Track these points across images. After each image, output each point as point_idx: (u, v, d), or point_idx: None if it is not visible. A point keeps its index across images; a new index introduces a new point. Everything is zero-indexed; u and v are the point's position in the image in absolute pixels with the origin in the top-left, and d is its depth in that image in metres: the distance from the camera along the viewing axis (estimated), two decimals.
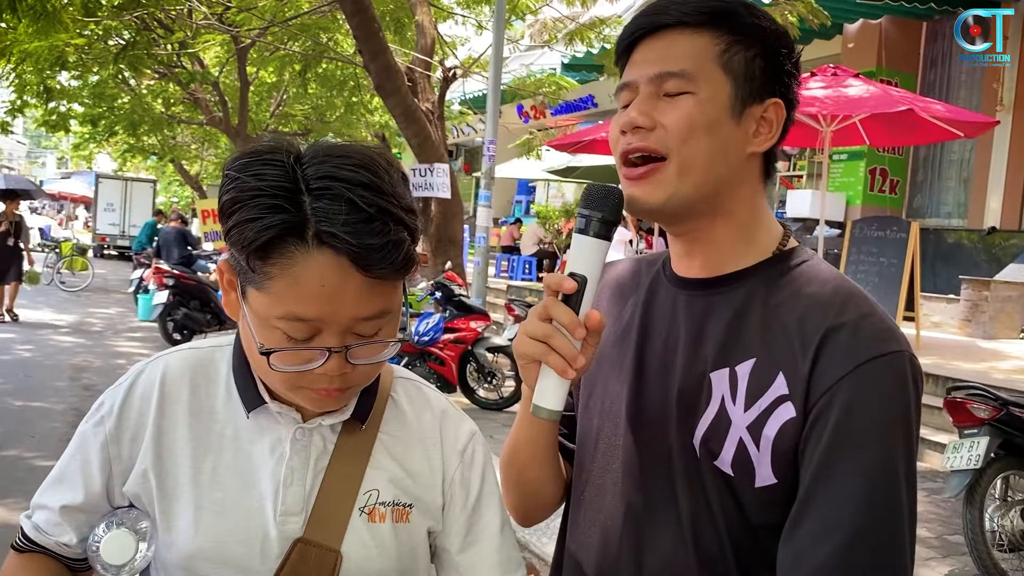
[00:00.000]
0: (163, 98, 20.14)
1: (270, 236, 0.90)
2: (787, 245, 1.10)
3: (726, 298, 1.07)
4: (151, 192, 27.80)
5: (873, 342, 0.97)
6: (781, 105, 1.07)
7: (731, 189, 1.06)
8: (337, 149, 0.95)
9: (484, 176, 9.21)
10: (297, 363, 0.96)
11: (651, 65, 1.05)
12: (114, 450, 1.06)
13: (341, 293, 0.92)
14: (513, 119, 20.03)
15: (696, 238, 1.10)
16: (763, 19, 1.06)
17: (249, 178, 0.92)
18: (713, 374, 1.04)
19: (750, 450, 1.00)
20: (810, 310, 1.01)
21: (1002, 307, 9.64)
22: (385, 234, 0.90)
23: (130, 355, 10.02)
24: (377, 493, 1.08)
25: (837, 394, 0.95)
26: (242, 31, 12.17)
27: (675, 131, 1.02)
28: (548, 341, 0.98)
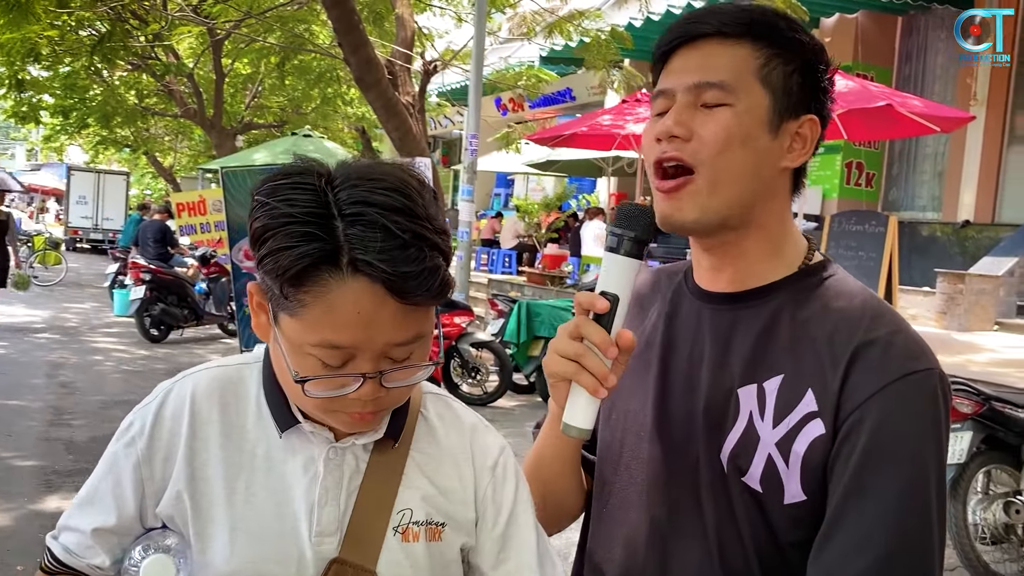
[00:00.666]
0: (136, 90, 19.92)
1: (305, 264, 0.89)
2: (813, 259, 1.10)
3: (753, 312, 1.07)
4: (124, 185, 27.44)
5: (904, 359, 0.96)
6: (816, 121, 1.06)
7: (763, 203, 1.06)
8: (369, 171, 0.94)
9: (466, 171, 9.18)
10: (331, 389, 0.95)
11: (690, 74, 1.04)
12: (147, 471, 1.04)
13: (376, 320, 0.91)
14: (491, 112, 20.00)
15: (726, 252, 1.09)
16: (802, 33, 1.05)
17: (279, 203, 0.91)
18: (741, 390, 1.03)
19: (779, 466, 0.99)
20: (839, 326, 1.00)
21: (977, 300, 9.78)
22: (421, 261, 0.90)
23: (107, 351, 9.92)
24: (411, 512, 1.07)
25: (868, 412, 0.94)
26: (218, 23, 12.04)
27: (711, 143, 1.01)
28: (580, 360, 0.98)
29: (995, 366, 7.27)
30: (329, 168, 0.96)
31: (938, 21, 12.67)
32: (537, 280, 12.32)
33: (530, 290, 11.87)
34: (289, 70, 16.03)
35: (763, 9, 1.06)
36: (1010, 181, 11.68)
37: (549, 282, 12.01)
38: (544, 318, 7.68)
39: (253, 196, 0.95)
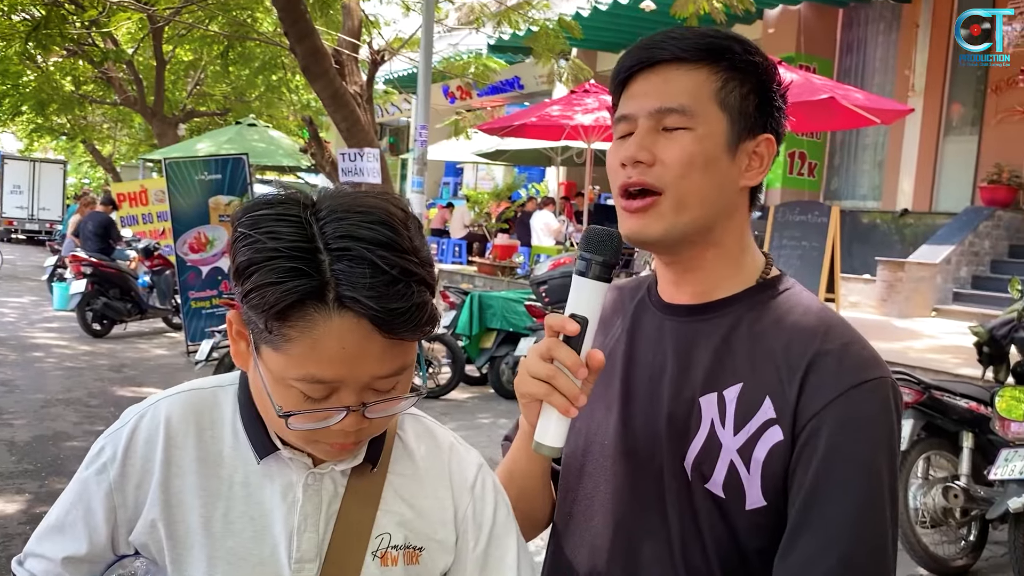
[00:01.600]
0: (73, 76, 19.34)
1: (291, 300, 0.88)
2: (770, 273, 1.14)
3: (713, 324, 1.11)
4: (61, 174, 26.71)
5: (858, 369, 1.01)
6: (772, 140, 1.10)
7: (723, 221, 1.10)
8: (355, 203, 0.93)
9: (416, 162, 9.12)
10: (314, 421, 0.95)
11: (650, 99, 1.07)
12: (119, 498, 1.02)
13: (362, 355, 0.91)
14: (439, 100, 19.88)
15: (688, 267, 1.13)
16: (756, 55, 1.09)
17: (263, 236, 0.90)
18: (702, 399, 1.07)
19: (741, 473, 1.03)
20: (795, 337, 1.05)
21: (915, 287, 10.07)
22: (409, 297, 0.90)
23: (48, 347, 9.66)
24: (389, 537, 1.07)
25: (825, 419, 0.99)
26: (158, 9, 11.74)
27: (674, 167, 1.05)
28: (551, 381, 1.01)
29: (933, 352, 7.49)
30: (312, 197, 0.95)
31: (877, 14, 12.95)
32: (488, 270, 12.33)
33: (481, 281, 11.88)
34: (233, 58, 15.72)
35: (717, 33, 1.09)
36: (946, 170, 12.02)
37: (500, 272, 12.03)
38: (496, 310, 7.70)
39: (235, 226, 0.94)
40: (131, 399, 7.53)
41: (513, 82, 19.29)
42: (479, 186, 19.25)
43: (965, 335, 5.60)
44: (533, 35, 11.06)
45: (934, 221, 11.54)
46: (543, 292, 6.97)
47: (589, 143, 11.54)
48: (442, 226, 17.45)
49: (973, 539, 4.31)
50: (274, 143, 15.72)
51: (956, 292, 10.32)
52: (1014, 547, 3.83)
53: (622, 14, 13.02)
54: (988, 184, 10.82)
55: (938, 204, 12.00)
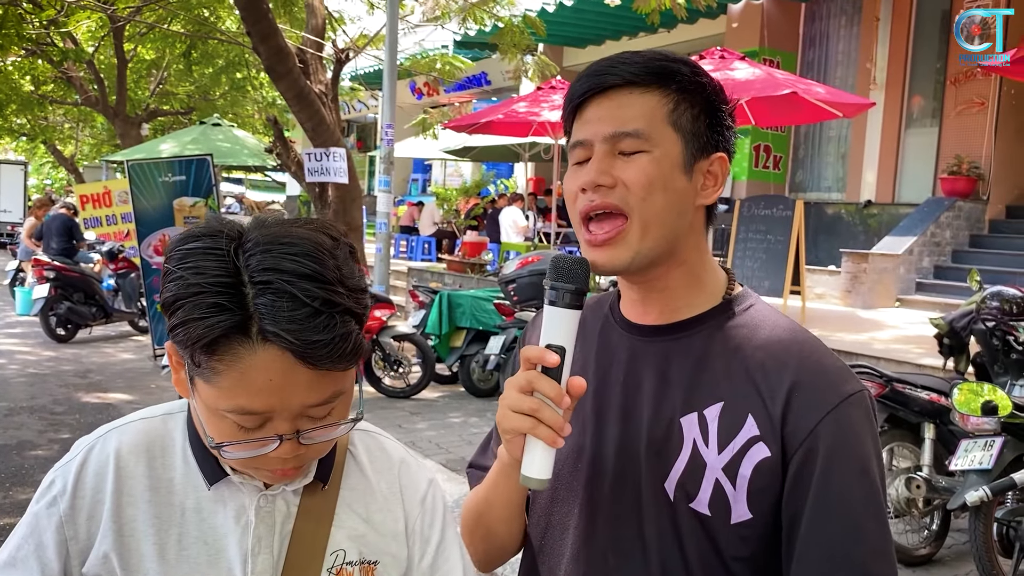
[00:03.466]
0: (32, 76, 19.00)
1: (215, 335, 0.89)
2: (734, 290, 1.16)
3: (686, 344, 1.12)
4: (22, 175, 26.19)
5: (839, 385, 1.05)
6: (725, 159, 1.12)
7: (684, 240, 1.11)
8: (281, 234, 0.94)
9: (383, 161, 9.09)
10: (249, 450, 0.96)
11: (604, 124, 1.08)
12: (70, 531, 1.02)
13: (289, 386, 0.92)
14: (406, 97, 19.79)
15: (652, 287, 1.14)
16: (703, 75, 1.11)
17: (188, 273, 0.91)
18: (683, 419, 1.08)
19: (727, 490, 1.05)
20: (770, 355, 1.08)
21: (879, 278, 10.21)
22: (331, 328, 0.90)
23: (10, 354, 9.51)
24: (344, 553, 1.08)
25: (819, 437, 1.02)
26: (118, 8, 11.57)
27: (635, 188, 1.06)
28: (535, 414, 1.01)
29: (898, 343, 7.61)
30: (241, 228, 0.95)
31: (839, 8, 13.09)
32: (457, 268, 12.32)
33: (451, 278, 11.86)
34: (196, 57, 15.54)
35: (666, 56, 1.10)
36: (908, 162, 12.19)
37: (470, 270, 12.02)
38: (465, 309, 7.70)
39: (165, 260, 0.95)
40: (97, 405, 7.44)
41: (480, 78, 19.27)
42: (447, 183, 19.21)
43: (928, 325, 5.69)
44: (498, 31, 11.07)
45: (897, 212, 11.71)
46: (512, 291, 6.98)
47: (556, 139, 11.57)
48: (411, 223, 17.40)
49: (936, 528, 4.39)
50: (239, 143, 15.56)
51: (919, 282, 10.48)
52: (975, 536, 3.91)
53: (587, 9, 13.04)
54: (948, 175, 11.00)
55: (901, 195, 12.17)
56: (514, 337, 7.10)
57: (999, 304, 4.89)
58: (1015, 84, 10.14)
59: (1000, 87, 10.76)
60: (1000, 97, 10.84)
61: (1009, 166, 11.01)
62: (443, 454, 5.95)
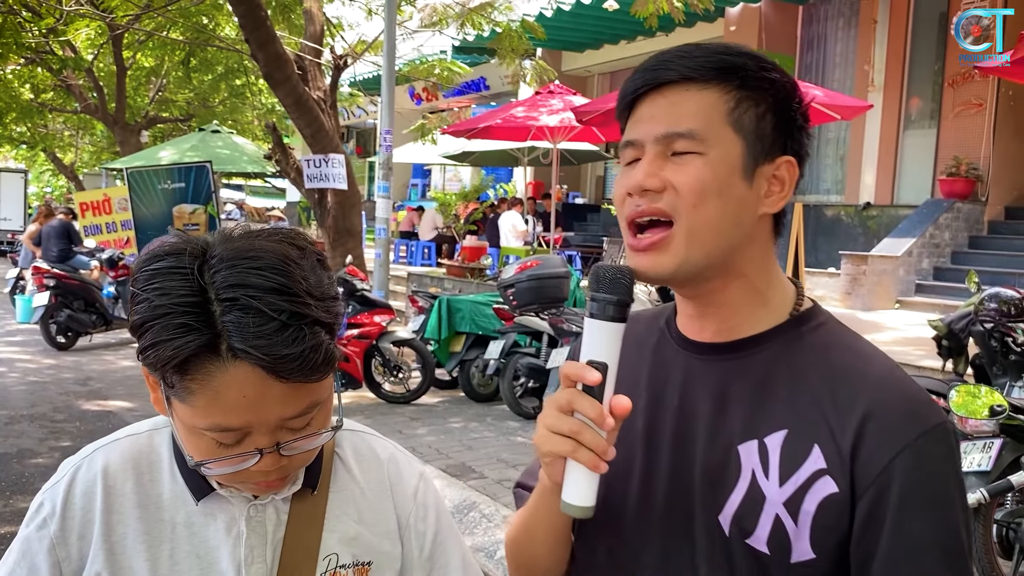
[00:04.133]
0: (32, 84, 19.03)
1: (184, 356, 0.89)
2: (802, 306, 1.05)
3: (747, 364, 1.02)
4: (22, 182, 26.22)
5: (919, 416, 0.95)
6: (794, 163, 1.02)
7: (743, 251, 1.01)
8: (246, 248, 0.93)
9: (382, 167, 9.09)
10: (231, 466, 0.96)
11: (657, 124, 0.99)
12: (62, 552, 1.03)
13: (264, 400, 0.92)
14: (405, 102, 19.83)
15: (709, 301, 1.04)
16: (773, 71, 1.01)
17: (154, 295, 0.91)
18: (741, 447, 0.99)
19: (787, 526, 0.95)
20: (841, 380, 0.97)
21: (879, 280, 10.22)
22: (300, 341, 0.90)
23: (11, 362, 9.51)
24: (336, 557, 1.09)
25: (893, 475, 0.92)
26: (117, 16, 11.60)
27: (686, 194, 0.97)
28: (576, 437, 0.93)
29: (897, 344, 7.61)
30: (206, 244, 0.95)
31: (836, 10, 13.12)
32: (457, 272, 12.32)
33: (450, 283, 11.87)
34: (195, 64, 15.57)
35: (729, 49, 1.02)
36: (907, 163, 12.21)
37: (469, 274, 12.02)
38: (464, 314, 7.70)
39: (131, 284, 0.95)
40: (97, 413, 7.44)
41: (479, 83, 19.31)
42: (447, 188, 19.24)
43: (927, 327, 5.69)
44: (497, 36, 11.09)
45: (896, 214, 11.71)
46: (511, 295, 6.98)
47: (555, 143, 11.59)
48: (411, 228, 17.42)
49: None
50: (238, 149, 15.60)
51: (919, 284, 10.48)
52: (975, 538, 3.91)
53: (585, 14, 13.08)
54: (947, 176, 11.01)
55: (899, 197, 12.18)
56: (514, 341, 7.11)
57: (997, 306, 4.89)
58: (1013, 85, 10.15)
59: (998, 88, 10.77)
60: (998, 98, 10.85)
61: (1008, 167, 11.02)
62: (443, 459, 5.95)
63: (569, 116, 10.44)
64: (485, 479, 5.51)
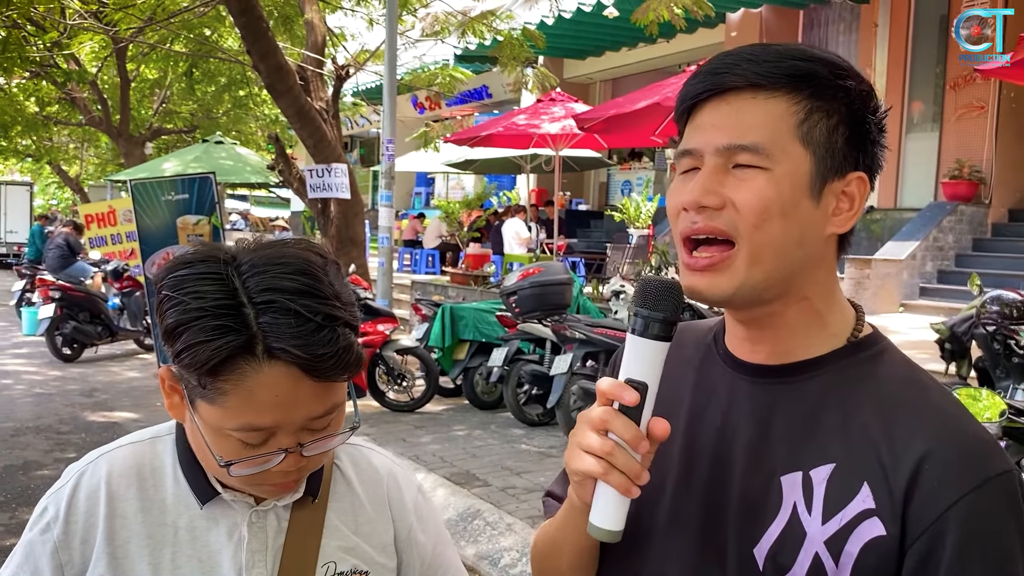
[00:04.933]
0: (37, 97, 19.15)
1: (223, 357, 0.92)
2: (862, 331, 0.98)
3: (797, 390, 0.95)
4: (28, 195, 26.38)
5: (982, 462, 0.87)
6: (865, 180, 0.94)
7: (806, 273, 0.94)
8: (275, 255, 0.97)
9: (384, 176, 9.12)
10: (255, 466, 0.99)
11: (719, 133, 0.92)
12: (65, 556, 1.04)
13: (295, 400, 0.96)
14: (408, 111, 19.87)
15: (764, 324, 0.97)
16: (849, 78, 0.93)
17: (188, 298, 0.93)
18: (784, 477, 0.92)
19: (827, 566, 0.88)
20: (899, 415, 0.90)
21: (882, 284, 10.20)
22: (335, 341, 0.94)
23: (17, 374, 9.55)
24: (335, 565, 1.11)
25: (949, 524, 0.84)
26: (120, 29, 11.67)
27: (747, 213, 0.90)
28: (608, 458, 0.88)
29: (901, 348, 7.57)
30: (232, 251, 0.98)
31: (837, 15, 13.13)
32: (461, 280, 12.34)
33: (454, 291, 11.89)
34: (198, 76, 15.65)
35: (802, 53, 0.93)
36: (910, 167, 12.19)
37: (473, 282, 12.04)
38: (468, 321, 7.71)
39: (158, 289, 0.97)
40: (103, 424, 7.46)
41: (481, 91, 19.35)
42: (450, 196, 19.27)
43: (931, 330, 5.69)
44: (498, 45, 11.13)
45: (900, 217, 11.69)
46: (513, 303, 6.99)
47: (557, 150, 11.61)
48: (414, 237, 17.44)
49: None
50: (242, 160, 15.66)
51: (923, 287, 10.47)
52: None
53: (586, 21, 13.10)
54: (950, 179, 11.00)
55: (903, 200, 12.17)
56: (517, 349, 7.11)
57: (999, 308, 4.89)
58: (1015, 87, 10.15)
59: (1000, 91, 10.76)
60: (1000, 101, 10.84)
61: (1010, 170, 11.00)
62: (447, 467, 5.95)
63: (571, 123, 10.47)
64: (489, 487, 5.51)
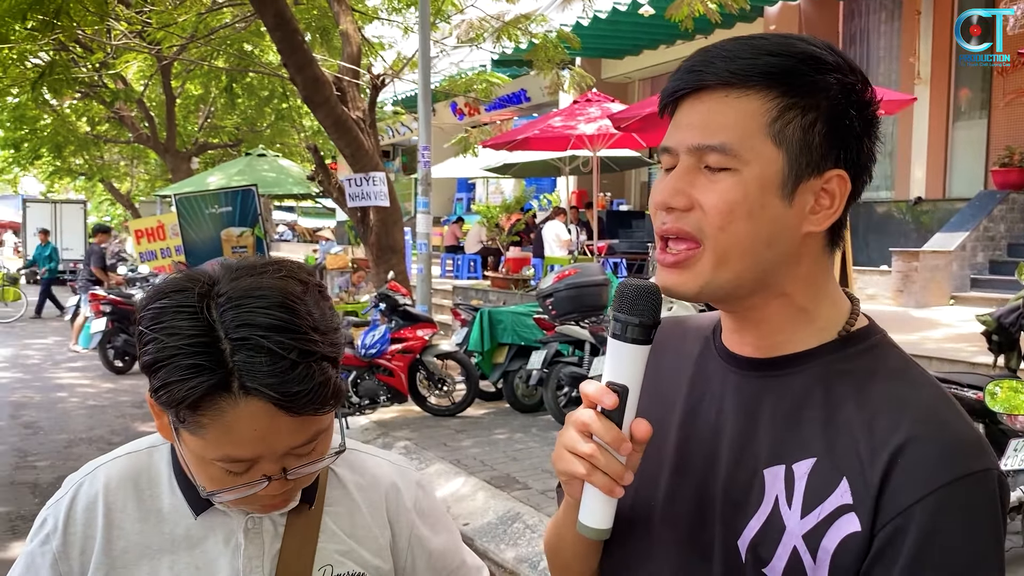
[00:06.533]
0: (88, 117, 19.71)
1: (198, 395, 0.92)
2: (855, 324, 0.96)
3: (783, 383, 0.95)
4: (82, 213, 27.06)
5: (959, 458, 0.84)
6: (845, 178, 0.91)
7: (782, 271, 0.93)
8: (252, 287, 0.96)
9: (421, 182, 9.19)
10: (240, 492, 1.00)
11: (691, 133, 0.91)
12: (64, 567, 1.06)
13: (273, 433, 0.96)
14: (448, 118, 20.00)
15: (746, 317, 0.97)
16: (833, 71, 0.89)
17: (163, 335, 0.93)
18: (767, 470, 0.92)
19: (805, 561, 0.88)
20: (881, 409, 0.88)
21: (931, 276, 9.97)
22: (309, 378, 0.93)
23: (71, 387, 9.80)
24: (331, 568, 1.12)
25: (913, 518, 0.82)
26: (163, 47, 11.94)
27: (713, 216, 0.90)
28: (591, 460, 0.90)
29: (950, 341, 7.41)
30: (211, 278, 0.97)
31: (878, 4, 12.88)
32: (501, 284, 12.36)
33: (495, 295, 11.91)
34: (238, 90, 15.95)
35: (782, 47, 0.91)
36: (958, 156, 11.91)
37: (513, 286, 12.05)
38: (506, 325, 7.71)
39: (137, 322, 0.97)
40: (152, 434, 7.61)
41: (519, 95, 19.39)
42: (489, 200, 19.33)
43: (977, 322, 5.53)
44: (533, 48, 11.14)
45: (949, 207, 11.43)
46: (549, 305, 6.98)
47: (595, 151, 11.57)
48: (455, 242, 17.52)
49: None
50: (284, 172, 15.90)
51: (973, 278, 10.20)
52: None
53: (622, 20, 13.05)
54: (1000, 167, 10.71)
55: (951, 190, 11.88)
56: (556, 351, 7.09)
57: None
58: None
59: None
60: None
61: None
62: (488, 471, 5.96)
63: (606, 124, 10.42)
64: (529, 490, 5.50)
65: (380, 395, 7.37)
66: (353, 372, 7.35)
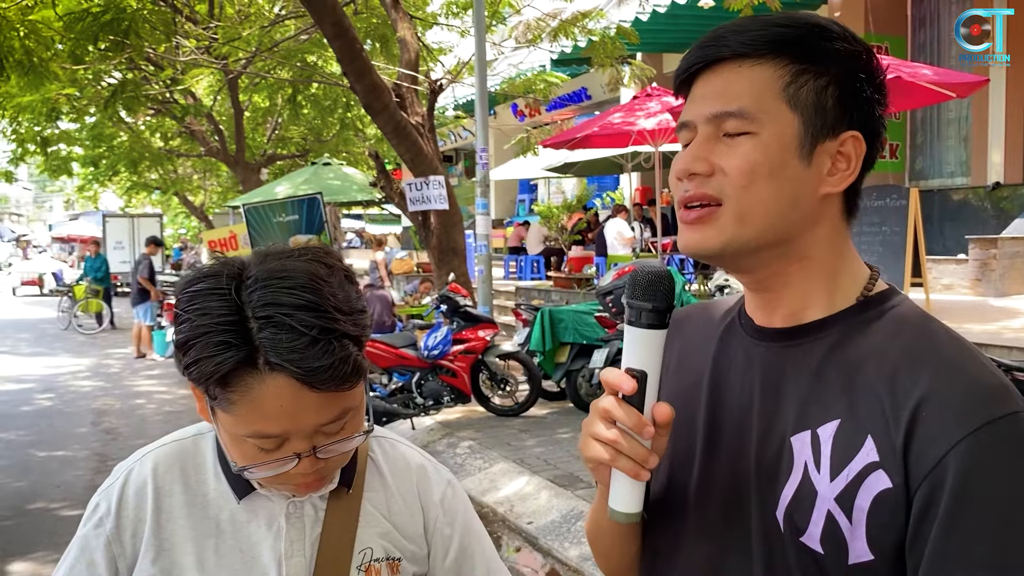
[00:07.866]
0: (160, 133, 20.36)
1: (225, 370, 0.97)
2: (873, 289, 0.98)
3: (804, 351, 0.96)
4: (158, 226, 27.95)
5: (985, 403, 0.83)
6: (860, 139, 0.95)
7: (804, 233, 0.95)
8: (279, 269, 1.01)
9: (479, 184, 9.23)
10: (271, 469, 1.04)
11: (708, 103, 0.95)
12: (117, 549, 1.12)
13: (300, 409, 1.00)
14: (509, 119, 20.05)
15: (768, 286, 0.99)
16: (838, 40, 0.94)
17: (195, 315, 0.99)
18: (794, 438, 0.93)
19: (841, 524, 0.88)
20: (902, 365, 0.89)
21: (1011, 263, 9.57)
22: (330, 354, 0.97)
23: (149, 394, 10.13)
24: (371, 551, 1.16)
25: (948, 469, 0.82)
26: (230, 61, 12.26)
27: (735, 177, 0.93)
28: (616, 445, 0.92)
29: None
30: (243, 263, 1.03)
31: None
32: (564, 284, 12.32)
33: (558, 295, 11.88)
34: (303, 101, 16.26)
35: (788, 20, 0.95)
36: None
37: (576, 285, 12.00)
38: (567, 324, 7.68)
39: (175, 304, 1.04)
40: None
41: (580, 93, 19.32)
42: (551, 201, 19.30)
43: None
44: (592, 45, 11.08)
45: None
46: (609, 303, 6.93)
47: (656, 147, 11.44)
48: (519, 244, 17.54)
49: None
50: (348, 179, 16.16)
51: None
52: None
53: (681, 14, 12.88)
54: None
55: None
56: (618, 349, 7.03)
57: None
58: None
59: None
60: None
61: None
62: (551, 470, 5.94)
63: (667, 118, 10.30)
64: (592, 488, 5.46)
65: (444, 396, 7.42)
66: (417, 373, 7.41)
